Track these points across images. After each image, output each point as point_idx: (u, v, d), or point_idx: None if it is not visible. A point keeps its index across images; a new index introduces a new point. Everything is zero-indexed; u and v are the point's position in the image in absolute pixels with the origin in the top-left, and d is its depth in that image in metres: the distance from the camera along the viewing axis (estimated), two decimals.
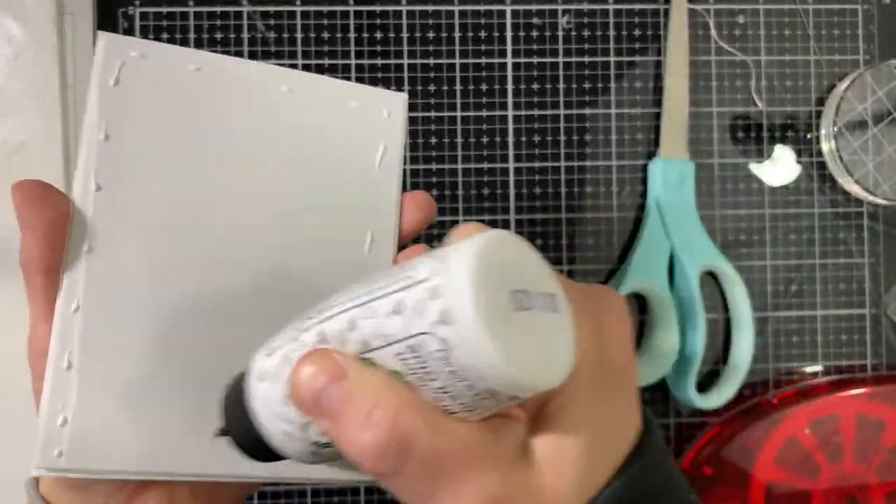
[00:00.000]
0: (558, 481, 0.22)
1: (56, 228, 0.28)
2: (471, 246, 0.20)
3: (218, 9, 0.47)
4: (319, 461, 0.24)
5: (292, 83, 0.31)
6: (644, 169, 0.48)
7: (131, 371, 0.28)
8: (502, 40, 0.48)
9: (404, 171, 0.34)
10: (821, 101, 0.49)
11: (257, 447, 0.24)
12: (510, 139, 0.48)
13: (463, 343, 0.19)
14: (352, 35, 0.47)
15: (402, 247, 0.31)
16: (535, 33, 0.47)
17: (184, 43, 0.46)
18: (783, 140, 0.49)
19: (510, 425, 0.22)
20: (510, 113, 0.48)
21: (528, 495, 0.22)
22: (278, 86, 0.31)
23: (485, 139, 0.48)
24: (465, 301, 0.19)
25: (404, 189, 0.33)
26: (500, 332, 0.19)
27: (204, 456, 0.28)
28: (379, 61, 0.47)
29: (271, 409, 0.23)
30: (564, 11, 0.47)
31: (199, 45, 0.47)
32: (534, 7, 0.47)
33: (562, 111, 0.48)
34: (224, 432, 0.26)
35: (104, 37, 0.29)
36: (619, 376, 0.24)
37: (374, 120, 0.32)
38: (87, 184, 0.29)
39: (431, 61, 0.47)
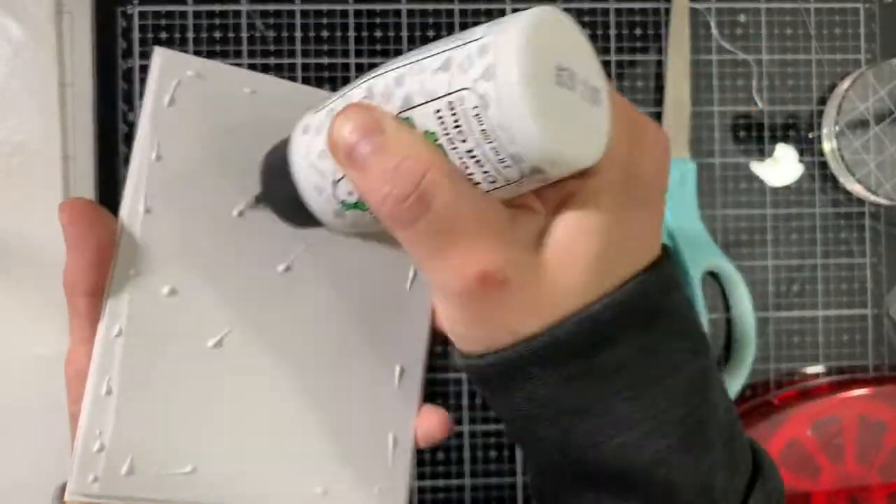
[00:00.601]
0: (567, 273, 0.22)
1: (103, 251, 0.27)
2: (528, 14, 0.20)
3: (217, 8, 0.46)
4: (341, 226, 0.25)
5: None
6: None
7: (170, 399, 0.28)
8: None
9: None
10: (822, 101, 0.49)
11: (288, 202, 0.25)
12: None
13: (499, 99, 0.19)
14: (351, 34, 0.47)
15: None
16: None
17: (183, 42, 0.46)
18: (785, 139, 0.49)
19: (528, 215, 0.23)
20: None
21: (534, 277, 0.22)
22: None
23: None
24: (509, 57, 0.19)
25: None
26: (538, 96, 0.19)
27: (237, 486, 0.28)
28: (379, 60, 0.47)
29: (309, 161, 0.24)
30: (565, 10, 0.47)
31: (197, 44, 0.47)
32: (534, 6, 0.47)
33: None
34: (261, 197, 0.27)
35: (161, 54, 0.28)
36: (647, 191, 0.24)
37: None
38: (136, 205, 0.28)
39: None
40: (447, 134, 0.21)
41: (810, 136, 0.49)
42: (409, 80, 0.21)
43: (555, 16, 0.21)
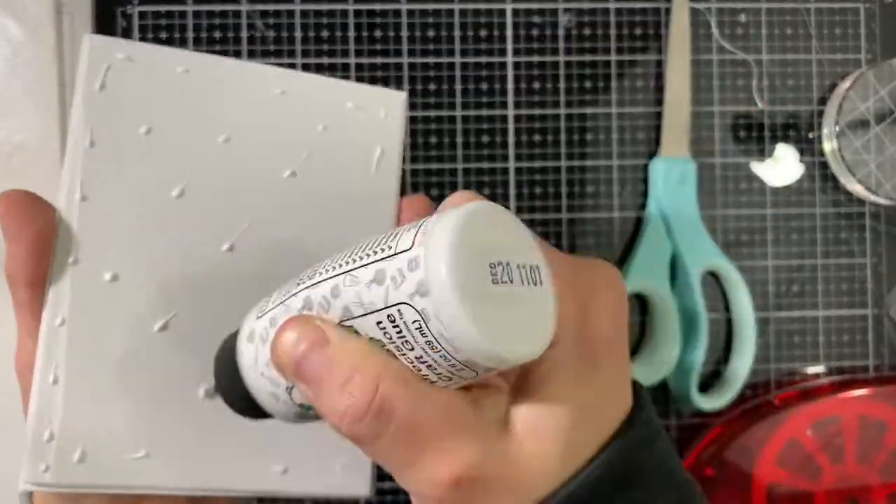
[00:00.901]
0: (539, 453, 0.21)
1: (42, 241, 0.27)
2: (452, 218, 0.20)
3: (217, 8, 0.46)
4: (305, 421, 0.25)
5: (285, 85, 0.30)
6: (645, 168, 0.48)
7: (118, 385, 0.28)
8: (503, 39, 0.47)
9: (404, 171, 0.34)
10: (823, 101, 0.49)
11: (246, 405, 0.25)
12: (510, 139, 0.48)
13: (438, 315, 0.19)
14: (351, 34, 0.47)
15: None
16: (535, 32, 0.47)
17: (183, 42, 0.46)
18: (785, 139, 0.49)
19: (491, 395, 0.22)
20: (510, 112, 0.48)
21: (507, 465, 0.21)
22: (271, 88, 0.30)
23: (485, 139, 0.47)
24: (442, 273, 0.19)
25: (404, 191, 0.32)
26: (475, 305, 0.19)
27: (192, 470, 0.28)
28: (379, 60, 0.47)
29: (259, 371, 0.23)
30: (565, 10, 0.47)
31: (198, 44, 0.47)
32: (534, 5, 0.47)
33: (562, 110, 0.48)
34: (217, 389, 0.26)
35: (89, 39, 0.28)
36: (606, 351, 0.23)
37: (371, 121, 0.31)
38: (73, 193, 0.28)
39: (431, 60, 0.47)
40: (392, 342, 0.20)
41: (811, 136, 0.49)
42: (344, 292, 0.21)
43: (476, 211, 0.20)
